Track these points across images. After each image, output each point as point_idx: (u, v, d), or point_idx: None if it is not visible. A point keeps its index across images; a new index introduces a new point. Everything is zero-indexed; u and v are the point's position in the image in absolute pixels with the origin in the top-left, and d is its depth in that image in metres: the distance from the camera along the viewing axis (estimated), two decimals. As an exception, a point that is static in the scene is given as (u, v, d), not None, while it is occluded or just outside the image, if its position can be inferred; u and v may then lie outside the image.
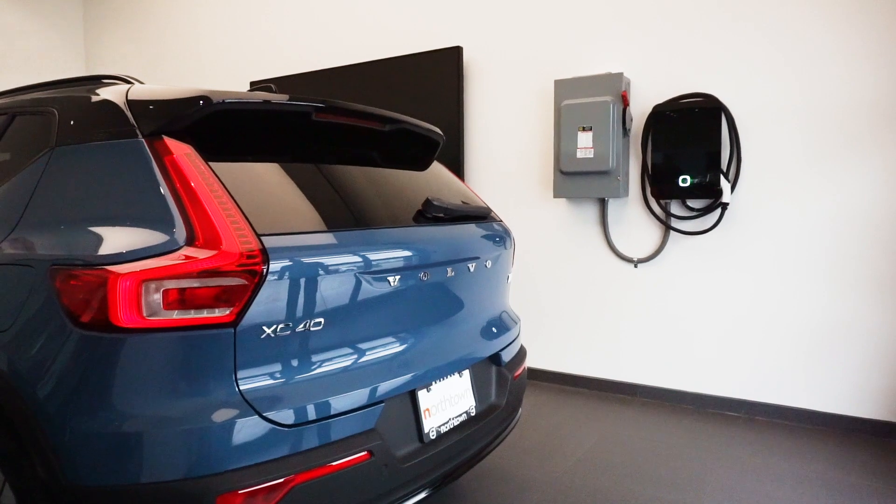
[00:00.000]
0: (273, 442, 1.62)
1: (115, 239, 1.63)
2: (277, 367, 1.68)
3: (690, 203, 4.07)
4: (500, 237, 2.62)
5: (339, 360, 1.82)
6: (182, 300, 1.54)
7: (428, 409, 2.08)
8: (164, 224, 1.60)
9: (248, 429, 1.58)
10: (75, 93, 2.07)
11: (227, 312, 1.57)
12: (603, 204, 4.40)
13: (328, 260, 1.77)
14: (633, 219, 4.32)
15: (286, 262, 1.65)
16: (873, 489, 2.99)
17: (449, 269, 2.20)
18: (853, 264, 3.63)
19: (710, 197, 3.95)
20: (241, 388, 1.60)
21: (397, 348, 1.98)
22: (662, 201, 4.16)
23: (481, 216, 2.58)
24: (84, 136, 1.87)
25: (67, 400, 1.58)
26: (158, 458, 1.53)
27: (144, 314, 1.52)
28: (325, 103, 2.06)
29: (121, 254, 1.57)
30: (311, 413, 1.69)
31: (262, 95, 1.92)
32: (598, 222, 4.45)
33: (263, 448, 1.60)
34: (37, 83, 2.44)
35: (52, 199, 1.86)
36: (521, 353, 2.75)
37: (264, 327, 1.63)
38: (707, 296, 4.08)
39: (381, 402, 1.88)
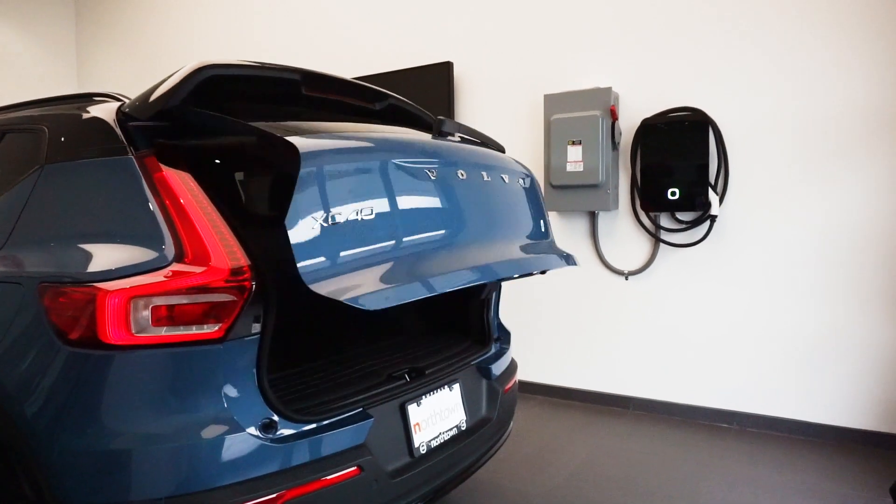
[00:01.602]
0: (263, 458, 1.62)
1: (104, 256, 1.63)
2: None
3: (679, 216, 4.11)
4: (518, 167, 2.54)
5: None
6: (171, 316, 1.54)
7: (418, 424, 2.08)
8: (153, 241, 1.61)
9: (237, 445, 1.58)
10: (66, 110, 2.08)
11: (217, 328, 1.57)
12: (593, 217, 4.43)
13: None
14: (623, 232, 4.35)
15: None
16: (865, 499, 3.00)
17: (460, 172, 2.09)
18: (842, 274, 3.66)
19: (698, 209, 3.99)
20: (230, 404, 1.60)
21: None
22: (652, 214, 4.19)
23: (497, 148, 2.55)
24: (74, 153, 1.88)
25: (55, 418, 1.58)
26: (148, 475, 1.53)
27: (133, 331, 1.52)
28: (311, 73, 2.09)
29: (109, 271, 1.58)
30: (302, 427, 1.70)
31: (249, 61, 1.96)
32: (589, 235, 4.47)
33: (253, 464, 1.60)
34: (27, 101, 2.45)
35: (41, 216, 1.86)
36: (512, 366, 2.76)
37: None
38: (697, 307, 4.10)
39: (370, 416, 1.88)
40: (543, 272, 2.39)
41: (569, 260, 2.50)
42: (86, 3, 7.68)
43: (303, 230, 1.51)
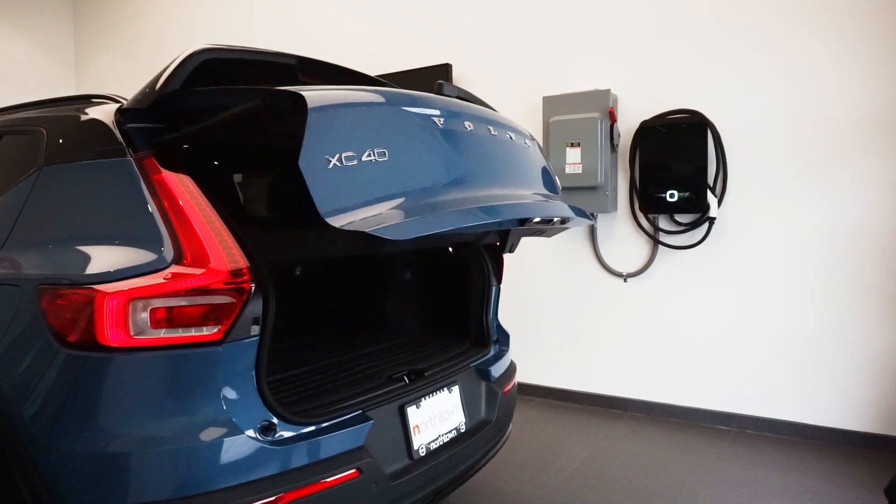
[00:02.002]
0: (262, 460, 1.61)
1: (103, 258, 1.63)
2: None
3: (678, 218, 4.11)
4: (523, 129, 2.49)
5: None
6: (169, 319, 1.54)
7: (417, 426, 2.08)
8: (152, 242, 1.60)
9: (236, 447, 1.58)
10: (64, 112, 2.07)
11: (216, 331, 1.57)
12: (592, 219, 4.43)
13: None
14: (621, 234, 4.35)
15: None
16: (863, 501, 3.00)
17: (469, 124, 2.03)
18: (841, 276, 3.66)
19: (697, 211, 3.99)
20: (229, 406, 1.59)
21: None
22: (651, 216, 4.19)
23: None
24: (73, 155, 1.88)
25: (53, 420, 1.57)
26: (146, 478, 1.52)
27: (132, 333, 1.52)
28: (306, 58, 2.08)
29: (108, 273, 1.57)
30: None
31: (245, 46, 1.95)
32: (587, 237, 4.47)
33: (252, 466, 1.59)
34: (25, 102, 2.44)
35: (39, 218, 1.85)
36: (511, 368, 2.75)
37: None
38: (696, 310, 4.10)
39: (370, 418, 1.88)
40: (564, 223, 2.27)
41: (587, 215, 2.43)
42: (84, 5, 7.67)
43: (317, 171, 1.46)
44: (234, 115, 1.62)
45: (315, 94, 1.55)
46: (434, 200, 1.70)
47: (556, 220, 2.16)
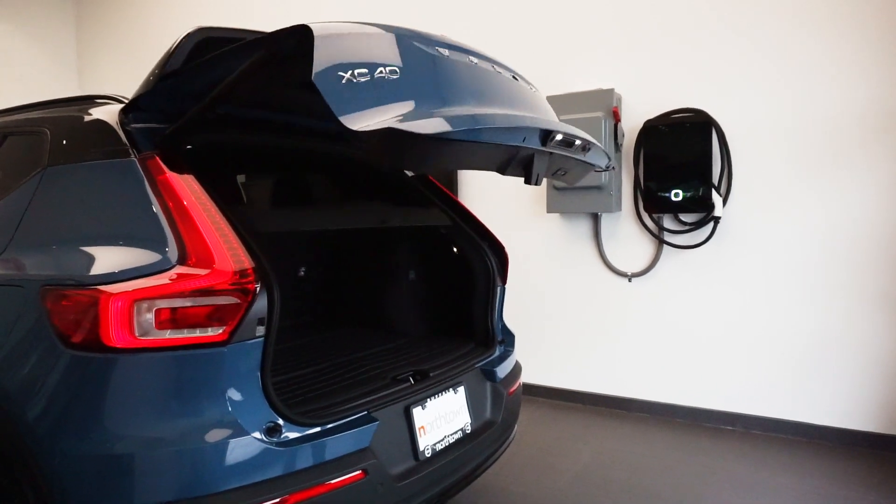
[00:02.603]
0: (267, 461, 1.60)
1: (107, 258, 1.62)
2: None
3: (683, 217, 4.09)
4: (527, 77, 2.42)
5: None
6: (174, 319, 1.53)
7: (423, 427, 2.07)
8: (157, 243, 1.60)
9: (241, 448, 1.57)
10: (68, 112, 2.07)
11: (220, 331, 1.56)
12: (596, 219, 4.42)
13: None
14: (626, 233, 4.33)
15: None
16: (870, 502, 2.98)
17: (482, 62, 2.01)
18: (847, 275, 3.65)
19: (702, 211, 3.97)
20: (234, 407, 1.58)
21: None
22: (655, 216, 4.18)
23: None
24: (76, 155, 1.87)
25: (58, 422, 1.57)
26: (151, 479, 1.52)
27: (136, 334, 1.51)
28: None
29: (112, 273, 1.57)
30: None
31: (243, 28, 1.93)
32: (592, 237, 4.46)
33: (258, 468, 1.59)
34: (29, 103, 2.44)
35: (43, 218, 1.85)
36: (517, 369, 2.74)
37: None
38: (701, 309, 4.09)
39: (375, 420, 1.87)
40: (586, 149, 2.15)
41: (608, 155, 2.37)
42: (86, 6, 7.68)
43: (331, 85, 1.39)
44: (242, 73, 1.56)
45: (320, 24, 1.50)
46: (456, 110, 1.63)
47: (577, 142, 2.05)
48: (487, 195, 4.88)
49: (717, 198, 3.90)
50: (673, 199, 4.00)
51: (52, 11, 7.48)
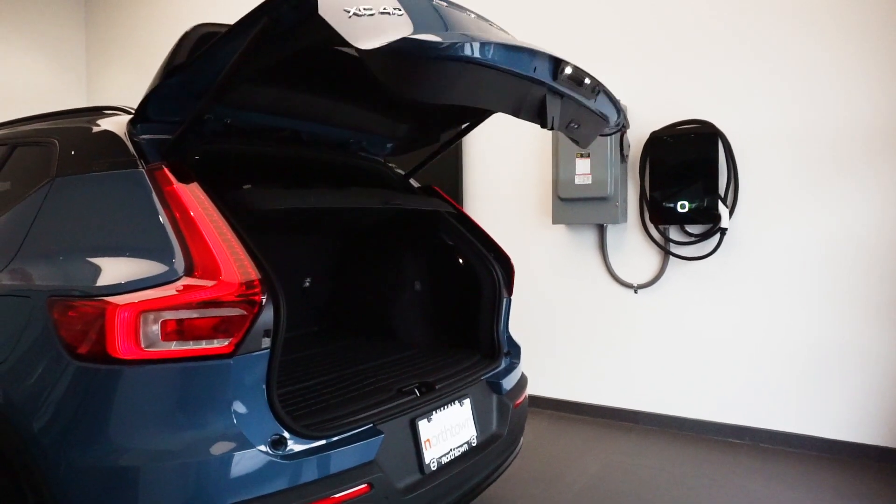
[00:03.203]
0: (273, 474, 1.59)
1: (114, 269, 1.62)
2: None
3: (689, 228, 4.08)
4: None
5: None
6: (180, 331, 1.53)
7: (429, 440, 2.06)
8: (163, 254, 1.60)
9: (247, 461, 1.56)
10: (76, 123, 2.08)
11: (227, 343, 1.55)
12: (602, 230, 4.41)
13: None
14: (632, 245, 4.32)
15: None
16: (882, 518, 2.95)
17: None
18: (857, 286, 3.62)
19: (708, 222, 3.96)
20: (240, 420, 1.58)
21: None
22: (661, 227, 4.16)
23: None
24: (84, 166, 1.88)
25: (63, 433, 1.56)
26: (156, 492, 1.51)
27: (142, 345, 1.51)
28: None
29: (119, 284, 1.57)
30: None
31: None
32: (598, 248, 4.45)
33: (263, 481, 1.58)
34: (37, 114, 2.45)
35: (51, 229, 1.85)
36: (522, 381, 2.73)
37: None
38: (708, 321, 4.06)
39: (381, 432, 1.86)
40: (595, 92, 2.14)
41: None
42: (95, 18, 7.75)
43: (338, 17, 1.37)
44: (248, 46, 1.55)
45: None
46: (468, 41, 1.59)
47: (587, 80, 2.04)
48: (492, 206, 4.88)
49: (723, 209, 3.89)
50: (679, 210, 3.99)
51: (62, 24, 7.55)
